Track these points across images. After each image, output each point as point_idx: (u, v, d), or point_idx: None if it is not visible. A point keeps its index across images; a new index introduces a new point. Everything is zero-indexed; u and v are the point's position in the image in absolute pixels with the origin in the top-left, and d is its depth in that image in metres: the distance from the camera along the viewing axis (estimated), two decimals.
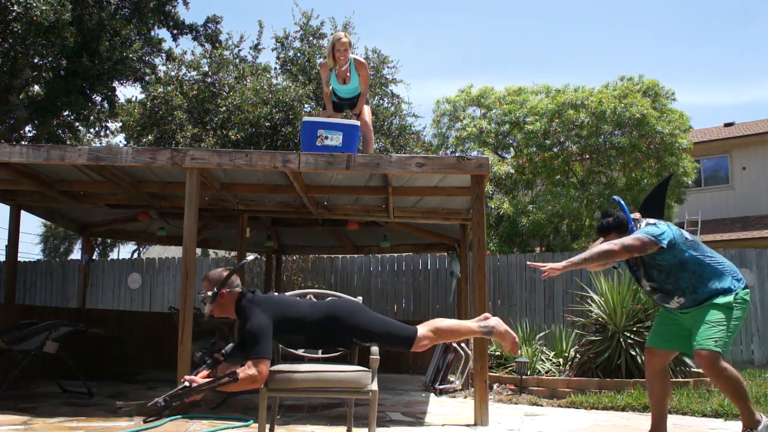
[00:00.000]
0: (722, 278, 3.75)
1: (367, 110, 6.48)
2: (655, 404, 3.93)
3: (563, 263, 3.74)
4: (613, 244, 3.72)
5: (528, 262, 4.48)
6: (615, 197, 4.11)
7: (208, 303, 3.47)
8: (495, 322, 3.59)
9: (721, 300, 3.68)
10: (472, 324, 3.62)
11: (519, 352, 7.40)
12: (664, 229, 3.77)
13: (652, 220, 3.90)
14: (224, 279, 3.48)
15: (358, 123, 6.07)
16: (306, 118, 6.03)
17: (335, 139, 5.75)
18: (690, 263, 3.75)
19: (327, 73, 6.33)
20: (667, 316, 3.92)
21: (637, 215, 4.02)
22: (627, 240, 3.73)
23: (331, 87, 6.37)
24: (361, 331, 3.55)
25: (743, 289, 3.77)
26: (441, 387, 7.05)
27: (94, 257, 11.59)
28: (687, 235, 3.87)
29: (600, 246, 3.78)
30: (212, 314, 3.51)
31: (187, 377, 3.25)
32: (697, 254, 3.78)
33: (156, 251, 23.74)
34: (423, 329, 3.60)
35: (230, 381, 3.21)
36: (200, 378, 3.32)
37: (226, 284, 3.49)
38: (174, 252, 19.55)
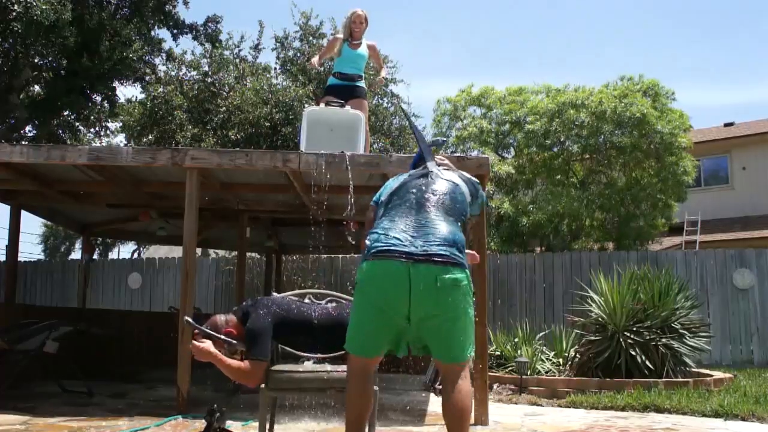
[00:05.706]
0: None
1: (364, 105, 6.48)
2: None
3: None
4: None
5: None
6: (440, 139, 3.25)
7: (234, 345, 3.43)
8: None
9: None
10: None
11: (519, 351, 7.44)
12: (383, 188, 3.10)
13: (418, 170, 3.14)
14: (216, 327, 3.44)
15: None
16: (308, 108, 5.99)
17: None
18: None
19: (334, 44, 6.47)
20: None
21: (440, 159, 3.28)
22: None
23: (334, 64, 6.55)
24: None
25: (374, 252, 2.68)
26: (441, 387, 7.04)
27: (94, 257, 11.59)
28: (398, 183, 3.02)
29: None
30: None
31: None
32: (381, 213, 2.91)
33: (160, 251, 23.73)
34: None
35: (233, 355, 3.31)
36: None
37: (219, 328, 3.43)
38: (174, 252, 19.54)
